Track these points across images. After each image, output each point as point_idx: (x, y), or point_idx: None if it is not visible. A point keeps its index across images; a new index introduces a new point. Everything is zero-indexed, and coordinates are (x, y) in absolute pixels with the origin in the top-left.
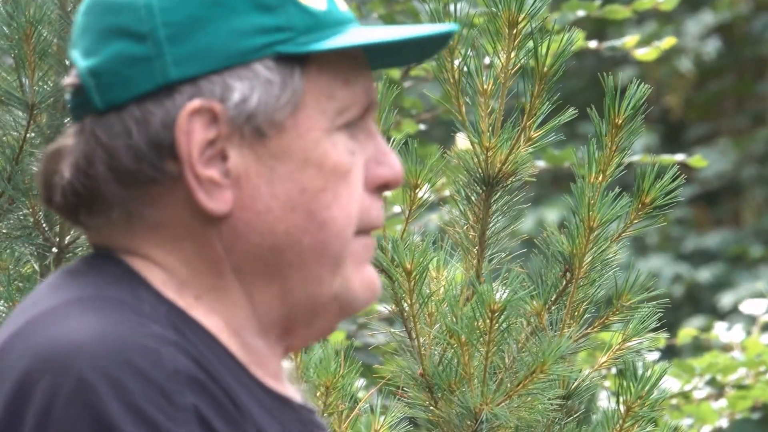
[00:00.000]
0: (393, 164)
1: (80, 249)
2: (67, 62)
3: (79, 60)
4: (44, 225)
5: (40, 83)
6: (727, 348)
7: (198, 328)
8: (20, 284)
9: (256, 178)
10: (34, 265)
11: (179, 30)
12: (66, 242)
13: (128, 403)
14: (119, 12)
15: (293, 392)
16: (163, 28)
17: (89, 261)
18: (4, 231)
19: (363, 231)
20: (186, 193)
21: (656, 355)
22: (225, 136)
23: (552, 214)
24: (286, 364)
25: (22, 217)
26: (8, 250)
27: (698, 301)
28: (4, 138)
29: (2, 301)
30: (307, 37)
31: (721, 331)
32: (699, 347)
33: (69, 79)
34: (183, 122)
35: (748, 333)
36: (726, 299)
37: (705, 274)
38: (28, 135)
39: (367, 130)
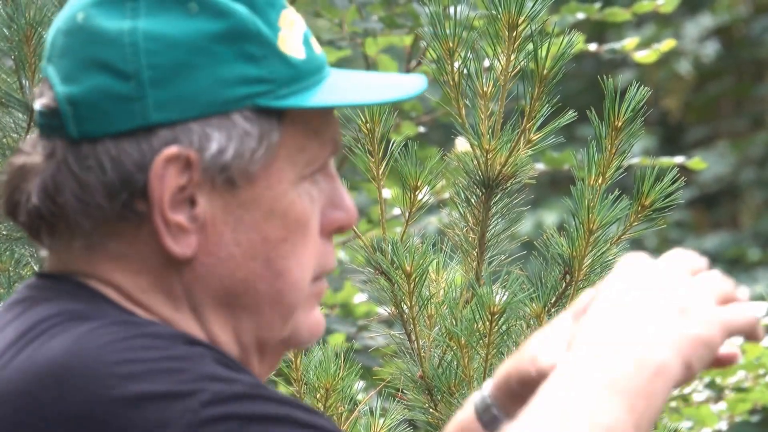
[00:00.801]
0: (348, 208)
1: None
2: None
3: (57, 83)
4: None
5: (40, 85)
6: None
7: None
8: (20, 286)
9: (221, 225)
10: (34, 267)
11: (164, 74)
12: None
13: (139, 371)
14: (104, 45)
15: None
16: (148, 70)
17: (41, 284)
18: (4, 233)
19: (317, 276)
20: (151, 232)
21: None
22: (196, 183)
23: (550, 217)
24: None
25: None
26: (8, 252)
27: None
28: (4, 140)
29: (2, 303)
30: (287, 89)
31: None
32: None
33: (43, 99)
34: (158, 167)
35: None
36: None
37: None
38: (28, 137)
39: (327, 173)
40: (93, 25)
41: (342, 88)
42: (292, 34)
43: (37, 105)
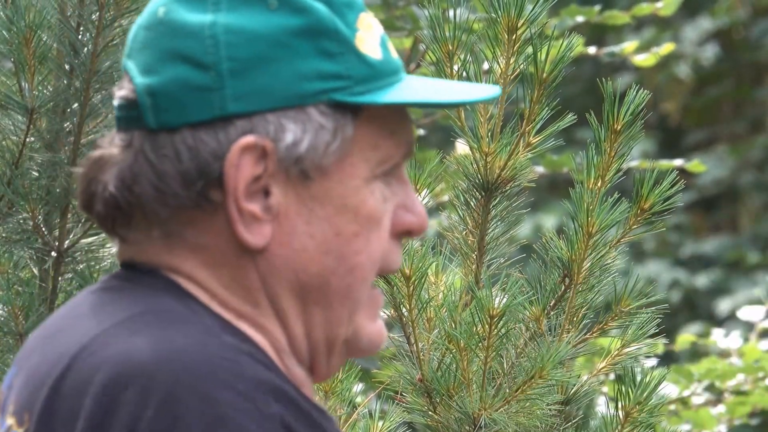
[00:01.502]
0: (420, 213)
1: (79, 253)
2: (77, 82)
3: (137, 75)
4: (43, 229)
5: (40, 87)
6: (724, 354)
7: (252, 342)
8: (19, 288)
9: (295, 216)
10: (33, 269)
11: (243, 66)
12: (65, 246)
13: (217, 416)
14: (184, 37)
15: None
16: (227, 62)
17: (130, 276)
18: (3, 235)
19: (381, 276)
20: (226, 221)
21: (654, 361)
22: (271, 173)
23: (549, 220)
24: None
25: (21, 221)
26: (7, 254)
27: (696, 307)
28: (4, 142)
29: (1, 306)
30: (363, 86)
31: (718, 337)
32: (697, 353)
33: (121, 92)
34: (234, 156)
35: (746, 339)
36: (723, 305)
37: (702, 280)
38: (27, 139)
39: (400, 176)
40: (174, 18)
41: (416, 89)
42: (370, 36)
43: (116, 98)
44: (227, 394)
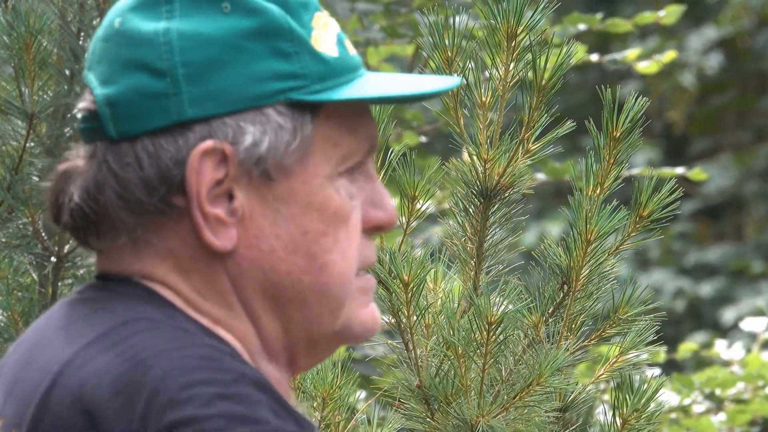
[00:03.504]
0: (388, 207)
1: (79, 258)
2: (78, 87)
3: (96, 86)
4: (43, 234)
5: (40, 93)
6: (727, 363)
7: (230, 345)
8: (19, 294)
9: (260, 218)
10: (33, 274)
11: (198, 71)
12: (65, 251)
13: (204, 400)
14: (140, 46)
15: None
16: (183, 67)
17: (106, 285)
18: (3, 240)
19: (363, 269)
20: (191, 226)
21: (657, 370)
22: (233, 177)
23: (554, 228)
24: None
25: (21, 227)
26: (7, 260)
27: (700, 316)
28: (4, 148)
29: (1, 311)
30: (321, 84)
31: (722, 348)
32: (701, 362)
33: (83, 104)
34: (194, 161)
35: (749, 350)
36: (728, 314)
37: (707, 289)
38: (27, 145)
39: (366, 172)
40: (129, 28)
41: (374, 85)
42: (326, 34)
43: (78, 111)
44: (212, 386)
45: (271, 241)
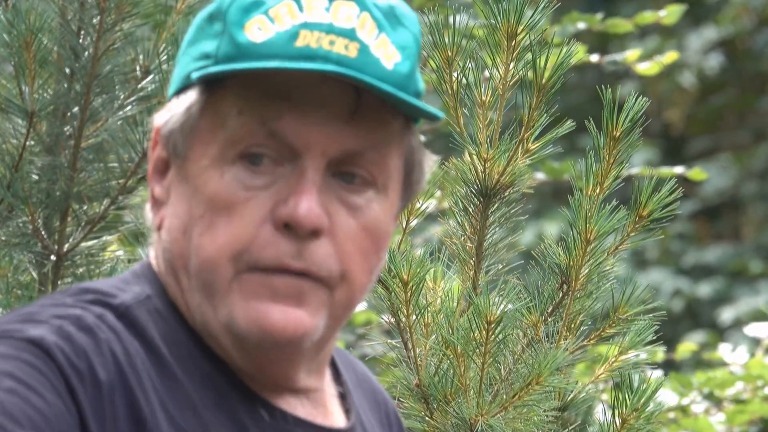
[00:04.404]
0: (294, 205)
1: (78, 257)
2: (77, 85)
3: None
4: (43, 233)
5: (40, 91)
6: (726, 363)
7: (169, 320)
8: (19, 292)
9: (173, 197)
10: (33, 272)
11: (181, 51)
12: (65, 250)
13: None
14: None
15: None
16: (182, 47)
17: None
18: (3, 238)
19: (255, 267)
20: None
21: (659, 371)
22: (165, 156)
23: (552, 228)
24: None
25: (21, 225)
26: (7, 258)
27: (698, 316)
28: (4, 146)
29: (1, 309)
30: (222, 65)
31: (725, 352)
32: (701, 363)
33: None
34: (152, 138)
35: (752, 354)
36: (726, 314)
37: (705, 289)
38: (27, 143)
39: (298, 171)
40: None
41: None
42: (279, 22)
43: None
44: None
45: (172, 221)
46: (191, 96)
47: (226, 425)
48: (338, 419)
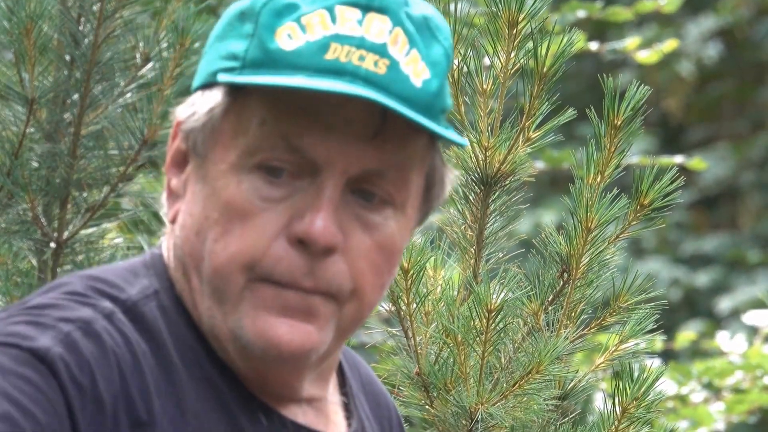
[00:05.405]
0: (309, 222)
1: (78, 244)
2: (78, 73)
3: None
4: (43, 220)
5: (40, 78)
6: (724, 353)
7: (175, 318)
8: (18, 279)
9: (189, 194)
10: (32, 260)
11: (207, 46)
12: (64, 237)
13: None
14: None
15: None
16: (208, 43)
17: None
18: (2, 226)
19: (268, 279)
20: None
21: (659, 360)
22: (186, 150)
23: (549, 216)
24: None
25: (20, 212)
26: (6, 245)
27: (695, 305)
28: (4, 133)
29: (0, 296)
30: (250, 70)
31: (723, 340)
32: (698, 352)
33: None
34: (173, 130)
35: (750, 343)
36: (723, 304)
37: (703, 278)
38: (27, 130)
39: (316, 187)
40: None
41: (296, 80)
42: (309, 31)
43: None
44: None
45: (185, 218)
46: (215, 96)
47: (225, 431)
48: (340, 428)
